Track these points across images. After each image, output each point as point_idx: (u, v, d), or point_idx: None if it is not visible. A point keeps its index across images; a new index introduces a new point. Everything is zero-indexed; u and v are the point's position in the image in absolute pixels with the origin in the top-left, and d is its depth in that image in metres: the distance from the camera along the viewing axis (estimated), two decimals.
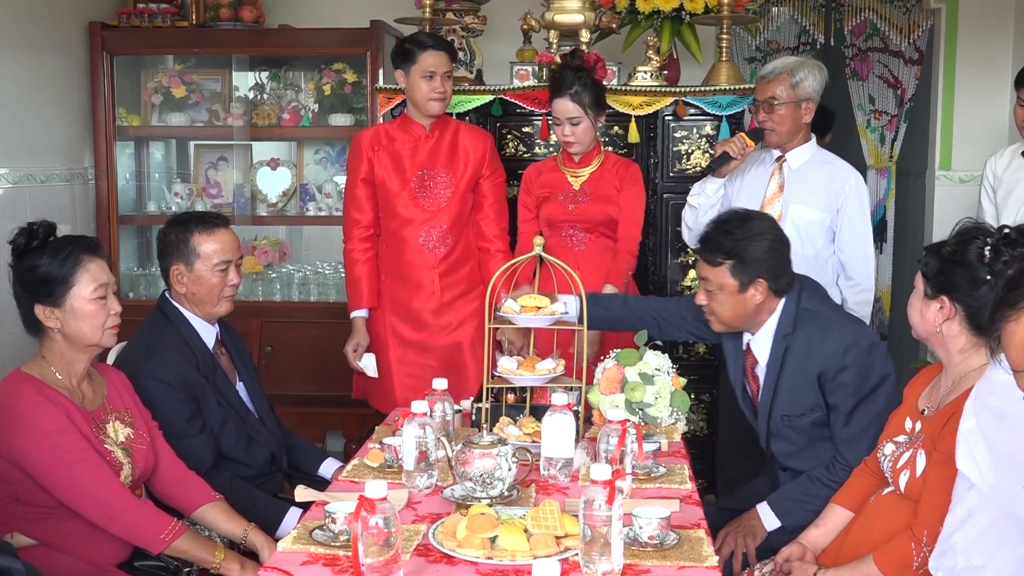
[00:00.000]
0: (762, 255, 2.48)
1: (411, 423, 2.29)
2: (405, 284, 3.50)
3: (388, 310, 3.53)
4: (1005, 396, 1.79)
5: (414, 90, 3.41)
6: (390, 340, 3.52)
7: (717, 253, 2.50)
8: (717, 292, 2.53)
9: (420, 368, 3.48)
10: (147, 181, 4.91)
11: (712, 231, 2.55)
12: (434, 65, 3.37)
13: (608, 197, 3.43)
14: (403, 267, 3.49)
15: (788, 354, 2.53)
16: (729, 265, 2.49)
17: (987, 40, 4.85)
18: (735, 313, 2.54)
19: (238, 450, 2.69)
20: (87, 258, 2.30)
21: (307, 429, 3.93)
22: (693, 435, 3.87)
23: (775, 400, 2.58)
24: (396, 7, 4.20)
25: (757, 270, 2.48)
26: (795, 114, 3.28)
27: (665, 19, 3.95)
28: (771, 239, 2.51)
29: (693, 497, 2.33)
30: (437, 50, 3.39)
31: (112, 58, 4.58)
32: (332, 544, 1.98)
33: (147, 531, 2.25)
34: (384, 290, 3.54)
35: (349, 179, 3.56)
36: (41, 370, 2.28)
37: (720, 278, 2.50)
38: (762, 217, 2.66)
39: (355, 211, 3.52)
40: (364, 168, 3.49)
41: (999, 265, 1.96)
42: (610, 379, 2.64)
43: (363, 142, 3.50)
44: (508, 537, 1.91)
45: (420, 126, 3.48)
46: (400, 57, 3.42)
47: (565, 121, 3.36)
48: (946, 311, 2.08)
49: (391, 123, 3.60)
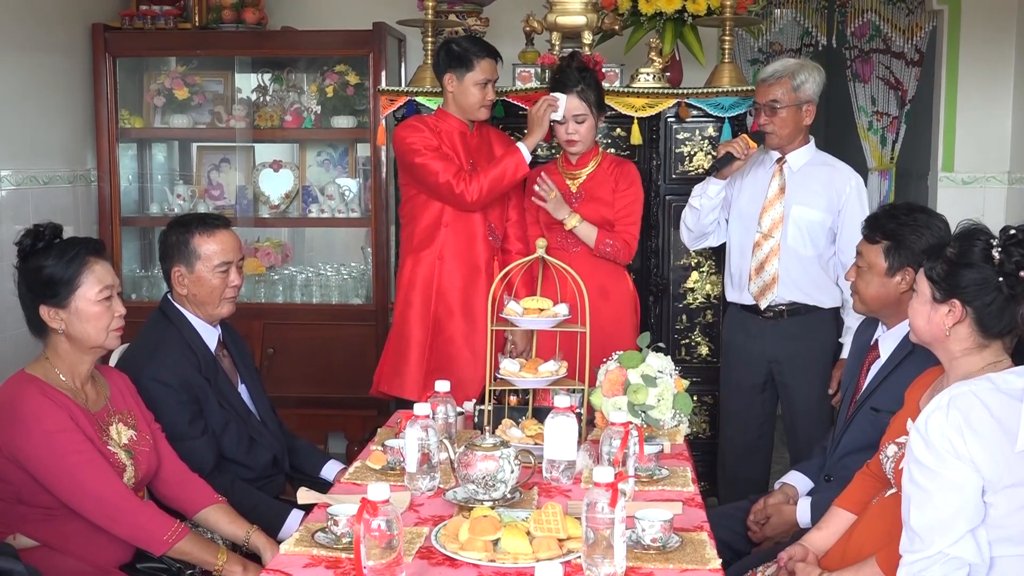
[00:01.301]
0: (919, 246, 2.49)
1: (413, 425, 2.29)
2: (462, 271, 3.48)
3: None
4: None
5: (466, 96, 3.39)
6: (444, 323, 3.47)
7: (877, 231, 2.55)
8: (866, 271, 2.57)
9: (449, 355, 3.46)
10: (150, 183, 4.91)
11: (881, 213, 2.61)
12: (490, 73, 3.38)
13: (602, 199, 3.43)
14: (471, 256, 3.46)
15: (911, 356, 2.50)
16: (884, 246, 2.53)
17: (990, 41, 4.85)
18: (877, 295, 2.57)
19: (240, 452, 2.69)
20: (92, 260, 2.30)
21: (309, 431, 3.93)
22: (696, 437, 3.88)
23: (875, 392, 2.57)
24: (398, 9, 4.20)
25: (909, 259, 2.50)
26: (796, 117, 3.29)
27: (667, 21, 3.95)
28: (934, 238, 2.49)
29: (696, 499, 2.33)
30: (493, 59, 3.39)
31: (115, 60, 4.59)
32: (334, 547, 1.98)
33: (149, 533, 2.25)
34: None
35: (419, 152, 3.34)
36: (45, 371, 2.29)
37: (873, 257, 2.55)
38: (936, 216, 2.63)
39: (445, 163, 3.34)
40: (434, 142, 3.38)
41: (1010, 265, 1.96)
42: (612, 381, 2.64)
43: (425, 122, 3.42)
44: (510, 540, 1.91)
45: (463, 123, 3.47)
46: (454, 62, 3.37)
47: (570, 119, 3.36)
48: (956, 314, 2.06)
49: (429, 117, 3.54)
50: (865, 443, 2.56)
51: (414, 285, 3.47)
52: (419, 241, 3.48)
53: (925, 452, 1.87)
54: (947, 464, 1.84)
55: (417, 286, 3.46)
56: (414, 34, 4.39)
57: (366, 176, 4.69)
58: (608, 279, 3.45)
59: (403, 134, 3.42)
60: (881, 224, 2.55)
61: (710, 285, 3.92)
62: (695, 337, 3.96)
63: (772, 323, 3.37)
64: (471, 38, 3.53)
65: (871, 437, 2.54)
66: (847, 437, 2.63)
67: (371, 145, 4.54)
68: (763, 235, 3.33)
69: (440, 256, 3.45)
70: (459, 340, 3.44)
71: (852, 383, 2.72)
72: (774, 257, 3.32)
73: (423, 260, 3.47)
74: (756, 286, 3.35)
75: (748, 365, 3.43)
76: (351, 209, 4.69)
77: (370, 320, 4.53)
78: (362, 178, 4.75)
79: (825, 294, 3.36)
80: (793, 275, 3.33)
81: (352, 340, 4.51)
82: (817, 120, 3.46)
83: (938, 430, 1.85)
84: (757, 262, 3.35)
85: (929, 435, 1.86)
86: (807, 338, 3.35)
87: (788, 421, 3.48)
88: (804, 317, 3.35)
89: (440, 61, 3.43)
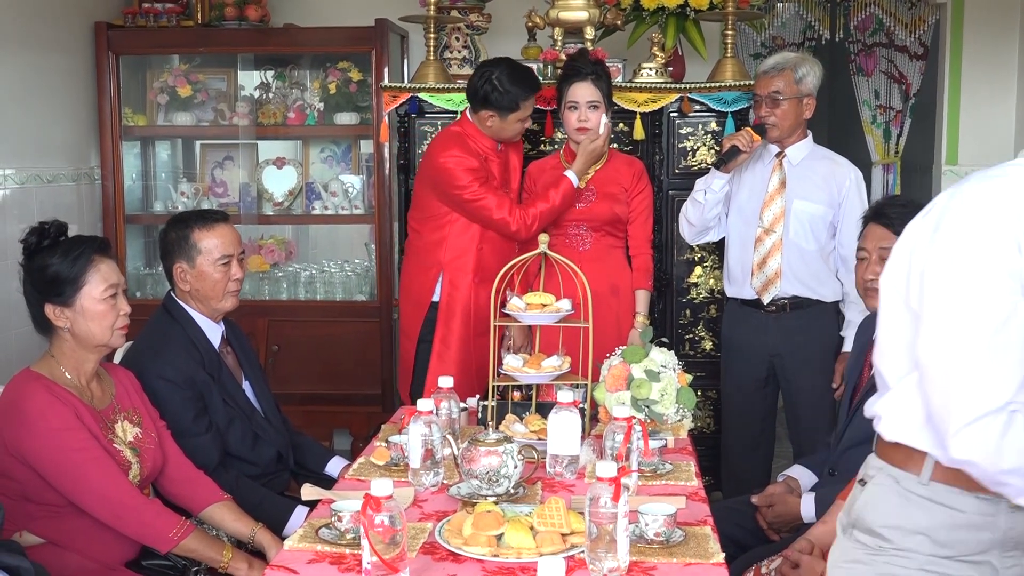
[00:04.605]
0: None
1: (417, 421, 2.29)
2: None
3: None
4: None
5: (506, 131, 3.39)
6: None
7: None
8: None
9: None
10: (153, 180, 4.92)
11: (908, 204, 2.58)
12: (532, 108, 3.39)
13: (615, 196, 3.43)
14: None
15: None
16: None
17: (993, 34, 4.84)
18: None
19: (244, 448, 2.70)
20: (98, 258, 2.31)
21: (314, 428, 3.94)
22: (700, 432, 3.87)
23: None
24: (401, 5, 4.20)
25: None
26: (797, 109, 3.30)
27: (670, 15, 3.95)
28: None
29: (699, 494, 2.33)
30: (536, 93, 3.39)
31: (118, 58, 4.60)
32: (338, 542, 1.99)
33: (155, 530, 2.26)
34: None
35: (467, 187, 3.32)
36: (50, 369, 2.29)
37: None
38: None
39: (498, 198, 3.35)
40: (478, 168, 3.35)
41: None
42: (616, 376, 2.65)
43: (465, 146, 3.37)
44: (514, 535, 1.91)
45: (494, 142, 3.44)
46: (499, 105, 3.31)
47: (584, 105, 3.34)
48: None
49: (464, 134, 3.43)
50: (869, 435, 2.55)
51: (454, 313, 3.43)
52: (450, 258, 3.43)
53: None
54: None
55: (457, 314, 3.43)
56: (416, 30, 4.39)
57: (369, 173, 4.69)
58: (618, 276, 3.45)
59: (447, 165, 3.34)
60: (890, 215, 2.51)
61: (713, 280, 3.91)
62: (699, 332, 3.96)
63: (774, 317, 3.37)
64: (512, 73, 3.34)
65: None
66: (851, 430, 2.63)
67: (374, 141, 4.54)
68: (764, 230, 3.33)
69: (476, 278, 3.41)
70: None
71: (855, 376, 2.72)
72: (776, 251, 3.32)
73: (459, 284, 3.42)
74: (759, 281, 3.35)
75: (750, 360, 3.43)
76: (354, 206, 4.69)
77: (374, 316, 4.54)
78: (365, 175, 4.75)
79: (827, 287, 3.36)
80: (796, 269, 3.33)
81: (356, 337, 4.52)
82: (820, 114, 3.47)
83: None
84: (759, 257, 3.35)
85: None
86: (809, 332, 3.35)
87: (790, 415, 3.49)
88: (806, 311, 3.35)
89: (482, 97, 3.33)
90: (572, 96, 3.35)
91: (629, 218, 3.45)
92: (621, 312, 3.43)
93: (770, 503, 2.68)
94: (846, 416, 2.69)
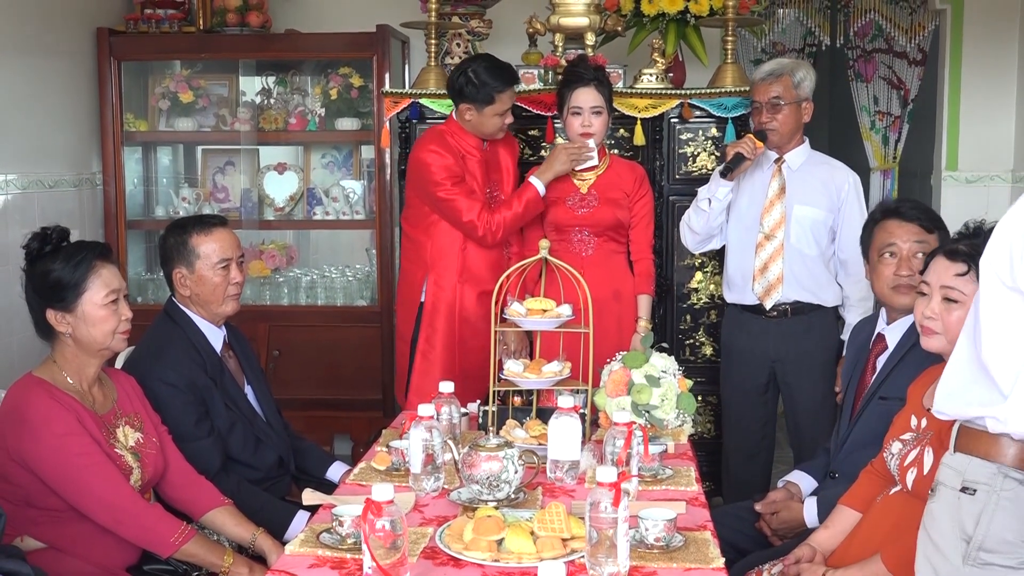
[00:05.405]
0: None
1: (418, 426, 2.30)
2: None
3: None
4: None
5: (485, 125, 3.37)
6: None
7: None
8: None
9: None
10: (155, 186, 4.93)
11: (918, 203, 2.54)
12: (510, 102, 3.37)
13: (617, 201, 3.43)
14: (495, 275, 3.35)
15: (918, 344, 2.33)
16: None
17: (992, 40, 4.85)
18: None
19: (246, 453, 2.70)
20: (100, 264, 2.31)
21: (315, 432, 3.94)
22: (700, 437, 3.88)
23: (885, 382, 2.55)
24: (402, 11, 4.21)
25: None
26: (797, 114, 3.32)
27: (670, 22, 3.96)
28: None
29: (699, 499, 2.34)
30: (512, 86, 3.37)
31: (119, 63, 4.60)
32: (339, 547, 1.99)
33: (156, 535, 2.27)
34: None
35: (441, 184, 3.32)
36: (52, 374, 2.30)
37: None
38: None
39: (470, 201, 3.33)
40: (455, 168, 3.34)
41: None
42: (616, 381, 2.65)
43: (445, 143, 3.36)
44: (514, 539, 1.92)
45: (479, 140, 3.44)
46: (474, 96, 3.30)
47: (587, 110, 3.35)
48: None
49: (446, 132, 3.43)
50: (872, 438, 2.55)
51: (438, 311, 3.44)
52: (435, 259, 3.43)
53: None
54: None
55: (441, 312, 3.43)
56: (418, 36, 4.40)
57: (370, 178, 4.70)
58: (621, 282, 3.46)
59: (426, 160, 3.35)
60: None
61: (714, 285, 3.92)
62: (699, 337, 3.97)
63: (775, 322, 3.37)
64: (489, 67, 3.34)
65: (878, 430, 2.52)
66: (855, 433, 2.63)
67: (375, 147, 4.54)
68: (765, 236, 3.34)
69: (461, 278, 3.42)
70: (484, 353, 3.44)
71: (855, 380, 2.72)
72: (778, 257, 3.33)
73: (444, 285, 3.42)
74: (760, 286, 3.36)
75: (750, 366, 3.44)
76: (355, 211, 4.70)
77: (375, 322, 4.54)
78: (366, 180, 4.76)
79: (828, 292, 3.37)
80: (798, 274, 3.34)
81: (357, 342, 4.52)
82: (819, 120, 3.48)
83: None
84: (760, 262, 3.35)
85: None
86: (810, 337, 3.35)
87: (791, 420, 3.49)
88: (808, 316, 3.36)
89: (457, 90, 3.34)
90: (575, 101, 3.36)
91: (631, 223, 3.46)
92: (623, 317, 3.43)
93: (775, 510, 2.68)
94: (848, 419, 2.69)
